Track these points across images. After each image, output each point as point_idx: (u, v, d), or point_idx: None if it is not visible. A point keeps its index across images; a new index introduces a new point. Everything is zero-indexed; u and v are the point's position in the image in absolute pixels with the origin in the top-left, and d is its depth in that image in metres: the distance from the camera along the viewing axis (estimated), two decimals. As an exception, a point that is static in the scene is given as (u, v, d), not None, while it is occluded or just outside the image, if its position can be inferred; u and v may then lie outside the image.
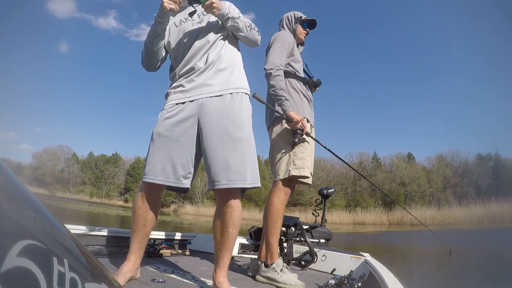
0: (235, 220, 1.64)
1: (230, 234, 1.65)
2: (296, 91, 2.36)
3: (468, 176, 36.81)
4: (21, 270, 0.44)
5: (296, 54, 2.43)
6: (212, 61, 1.72)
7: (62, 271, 0.52)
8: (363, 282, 1.94)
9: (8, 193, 0.50)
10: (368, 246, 10.21)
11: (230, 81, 1.72)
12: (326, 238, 3.21)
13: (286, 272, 2.09)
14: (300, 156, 2.22)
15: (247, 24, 1.77)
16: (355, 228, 24.28)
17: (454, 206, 28.20)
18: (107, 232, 2.64)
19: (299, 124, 2.16)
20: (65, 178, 49.68)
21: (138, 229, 1.72)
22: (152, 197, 1.73)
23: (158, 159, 1.67)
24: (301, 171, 2.21)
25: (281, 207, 2.23)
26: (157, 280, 1.79)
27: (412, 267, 6.76)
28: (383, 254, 7.89)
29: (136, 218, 1.72)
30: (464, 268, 6.69)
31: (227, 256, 1.69)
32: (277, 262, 2.13)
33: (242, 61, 1.87)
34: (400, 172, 38.94)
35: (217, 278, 1.67)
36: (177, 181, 1.67)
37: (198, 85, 1.69)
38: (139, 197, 1.72)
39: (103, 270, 0.71)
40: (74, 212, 18.08)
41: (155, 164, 1.66)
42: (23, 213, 0.51)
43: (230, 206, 1.62)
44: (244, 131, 1.66)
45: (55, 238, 0.56)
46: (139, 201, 1.72)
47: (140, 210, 1.71)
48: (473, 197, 28.44)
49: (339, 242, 10.71)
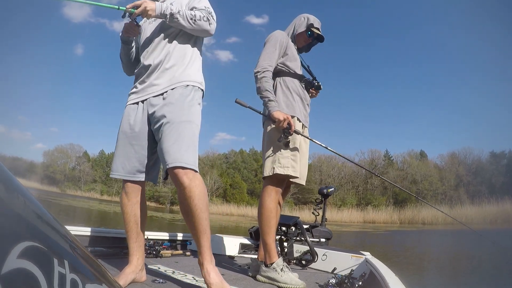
0: (193, 200, 1.62)
1: (192, 214, 1.63)
2: (289, 90, 2.33)
3: (481, 174, 36.12)
4: (21, 271, 0.44)
5: (291, 52, 2.38)
6: (159, 61, 1.79)
7: (63, 272, 0.52)
8: (363, 281, 1.94)
9: (8, 195, 0.50)
10: (374, 249, 9.87)
11: (174, 77, 1.78)
12: (327, 237, 3.20)
13: (286, 272, 2.09)
14: (285, 155, 2.21)
15: (189, 17, 1.74)
16: (365, 227, 24.05)
17: (466, 205, 27.72)
18: (108, 233, 2.65)
19: (284, 123, 2.14)
20: (76, 176, 50.17)
21: (130, 228, 1.78)
22: (133, 193, 1.81)
23: (118, 156, 1.82)
24: (285, 170, 2.18)
25: (273, 206, 2.20)
26: (157, 281, 1.80)
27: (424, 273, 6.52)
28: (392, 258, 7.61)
29: (125, 216, 1.79)
30: (478, 272, 6.42)
31: (202, 238, 1.66)
32: (277, 261, 2.12)
33: (197, 52, 1.90)
34: (412, 170, 38.46)
35: (203, 266, 1.66)
36: (132, 175, 1.79)
37: (146, 86, 1.80)
38: (122, 196, 1.83)
39: (103, 271, 0.71)
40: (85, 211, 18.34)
41: (116, 160, 1.82)
42: (23, 215, 0.51)
43: (182, 185, 1.62)
44: (182, 117, 1.70)
45: (55, 239, 0.57)
46: (123, 199, 1.81)
47: (126, 207, 1.79)
48: (486, 196, 27.88)
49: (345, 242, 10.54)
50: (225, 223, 19.04)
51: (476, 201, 27.78)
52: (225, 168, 44.37)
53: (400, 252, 9.37)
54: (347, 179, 41.93)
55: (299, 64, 2.44)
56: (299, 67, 2.44)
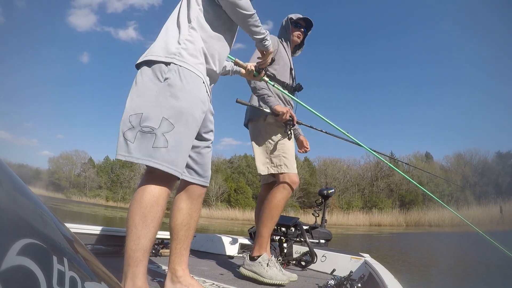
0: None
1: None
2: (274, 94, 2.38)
3: (488, 174, 35.78)
4: (20, 269, 0.44)
5: (279, 56, 2.43)
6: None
7: (62, 270, 0.52)
8: (362, 282, 1.94)
9: (8, 191, 0.50)
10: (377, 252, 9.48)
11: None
12: (326, 239, 3.21)
13: (272, 267, 2.06)
14: (276, 154, 2.27)
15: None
16: (370, 230, 23.89)
17: (473, 206, 27.46)
18: (107, 231, 2.66)
19: (287, 114, 2.22)
20: (81, 183, 50.31)
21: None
22: None
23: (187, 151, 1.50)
24: (279, 169, 2.26)
25: (283, 204, 2.24)
26: (157, 279, 1.81)
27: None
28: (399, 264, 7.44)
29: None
30: (485, 276, 6.27)
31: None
32: (263, 255, 2.10)
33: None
34: (418, 171, 38.20)
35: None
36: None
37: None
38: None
39: (103, 269, 0.70)
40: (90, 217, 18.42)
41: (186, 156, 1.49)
42: (23, 212, 0.51)
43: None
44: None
45: (55, 237, 0.56)
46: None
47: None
48: (493, 197, 27.65)
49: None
50: (230, 227, 19.01)
51: (482, 202, 27.52)
52: (230, 173, 44.35)
53: (400, 256, 9.21)
54: (352, 182, 41.73)
55: (287, 68, 2.49)
56: (287, 71, 2.48)
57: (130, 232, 1.34)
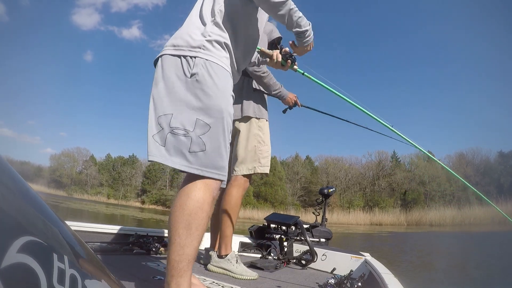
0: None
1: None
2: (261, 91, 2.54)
3: (490, 174, 35.76)
4: (21, 266, 0.44)
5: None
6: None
7: (62, 267, 0.52)
8: (363, 281, 1.93)
9: (8, 189, 0.50)
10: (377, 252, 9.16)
11: None
12: (327, 238, 3.20)
13: (240, 264, 2.16)
14: (265, 155, 2.41)
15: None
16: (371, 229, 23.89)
17: (475, 205, 27.43)
18: (108, 229, 2.64)
19: (294, 99, 2.64)
20: (82, 180, 50.44)
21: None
22: None
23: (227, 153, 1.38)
24: (264, 169, 2.40)
25: (240, 201, 2.34)
26: (157, 277, 1.80)
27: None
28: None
29: None
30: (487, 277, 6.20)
31: None
32: (231, 253, 2.19)
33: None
34: (419, 171, 38.17)
35: None
36: None
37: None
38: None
39: (103, 267, 0.72)
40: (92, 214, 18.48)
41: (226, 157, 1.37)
42: (23, 209, 0.51)
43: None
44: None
45: (55, 234, 0.57)
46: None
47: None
48: (495, 196, 27.60)
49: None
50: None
51: (484, 201, 27.47)
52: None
53: (400, 255, 9.19)
54: (354, 181, 41.73)
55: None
56: None
57: (174, 242, 1.23)
